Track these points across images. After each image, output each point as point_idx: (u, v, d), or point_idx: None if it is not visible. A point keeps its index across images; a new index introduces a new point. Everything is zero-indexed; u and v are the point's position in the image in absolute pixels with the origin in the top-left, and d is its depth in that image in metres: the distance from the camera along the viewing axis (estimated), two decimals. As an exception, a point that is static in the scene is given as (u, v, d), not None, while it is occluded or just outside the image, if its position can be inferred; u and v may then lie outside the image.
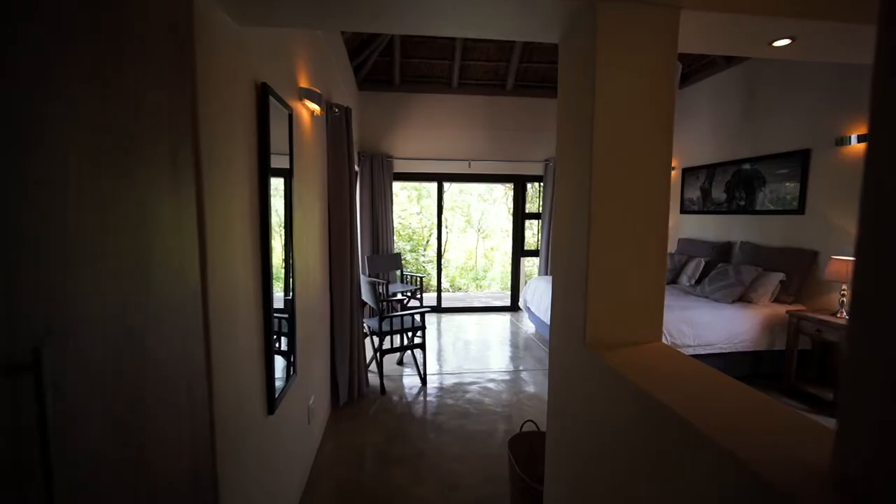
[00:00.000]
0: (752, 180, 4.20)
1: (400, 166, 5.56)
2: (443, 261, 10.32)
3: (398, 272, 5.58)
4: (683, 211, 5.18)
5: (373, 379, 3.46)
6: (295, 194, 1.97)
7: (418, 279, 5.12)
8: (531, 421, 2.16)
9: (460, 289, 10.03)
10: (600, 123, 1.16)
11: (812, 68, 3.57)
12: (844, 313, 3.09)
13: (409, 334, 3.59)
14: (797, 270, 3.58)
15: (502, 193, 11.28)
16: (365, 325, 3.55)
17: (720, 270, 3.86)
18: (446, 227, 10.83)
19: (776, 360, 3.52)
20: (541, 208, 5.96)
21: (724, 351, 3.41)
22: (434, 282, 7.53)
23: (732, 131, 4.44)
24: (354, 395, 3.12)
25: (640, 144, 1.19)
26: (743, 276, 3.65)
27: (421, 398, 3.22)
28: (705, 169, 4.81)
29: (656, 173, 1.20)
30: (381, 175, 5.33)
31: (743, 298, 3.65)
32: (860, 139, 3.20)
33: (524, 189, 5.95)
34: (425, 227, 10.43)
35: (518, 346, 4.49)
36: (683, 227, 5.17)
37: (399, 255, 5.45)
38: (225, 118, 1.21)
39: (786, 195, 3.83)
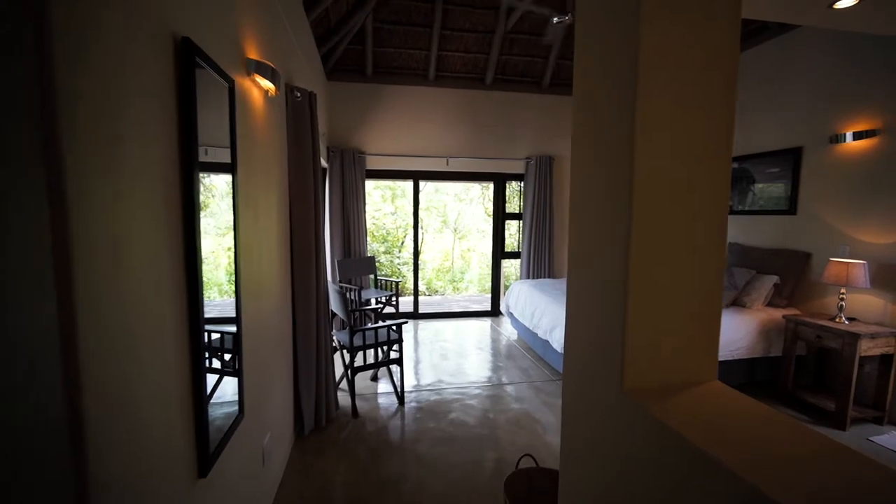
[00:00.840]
0: (740, 179, 4.07)
1: (373, 163, 5.18)
2: (419, 262, 10.00)
3: (372, 277, 5.19)
4: (668, 211, 5.02)
5: (343, 399, 3.08)
6: (242, 193, 1.59)
7: (393, 284, 4.76)
8: (529, 455, 1.86)
9: (437, 291, 9.70)
10: (645, 93, 0.86)
11: (804, 63, 3.45)
12: (844, 318, 2.95)
13: (385, 348, 3.23)
14: (790, 273, 3.45)
15: (479, 193, 11.04)
16: (335, 338, 3.17)
17: (711, 273, 3.69)
18: (422, 228, 10.49)
19: (771, 366, 3.37)
20: (521, 208, 5.70)
21: (720, 360, 3.22)
22: (410, 284, 7.18)
23: (719, 129, 4.30)
24: (322, 421, 2.73)
25: (696, 122, 0.90)
26: (736, 279, 3.49)
27: (398, 420, 2.87)
28: (690, 168, 4.66)
29: (716, 161, 0.91)
30: (353, 172, 4.93)
31: (736, 303, 3.49)
32: (856, 136, 3.07)
33: (504, 188, 5.69)
34: (400, 227, 10.05)
35: (500, 355, 4.21)
36: (668, 227, 5.02)
37: (373, 258, 5.07)
38: (117, 86, 0.84)
39: (777, 195, 3.71)
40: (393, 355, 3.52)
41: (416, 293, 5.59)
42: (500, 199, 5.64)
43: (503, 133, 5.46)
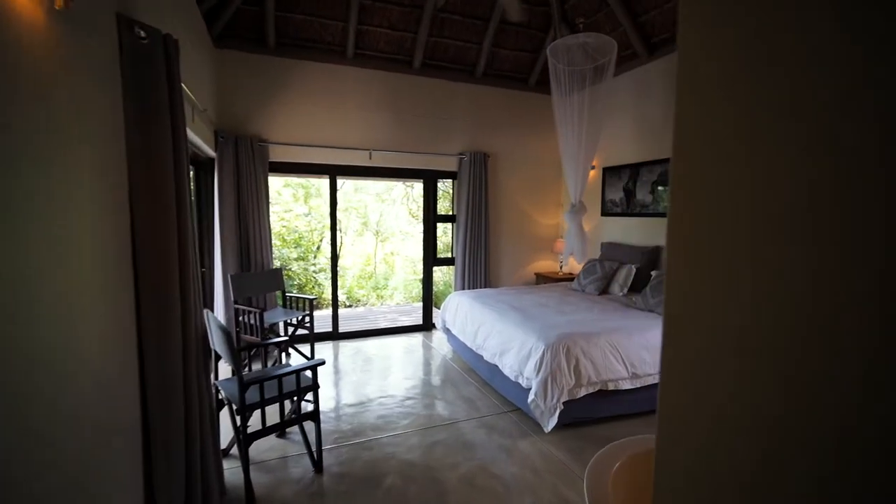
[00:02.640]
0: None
1: (279, 154, 4.24)
2: (338, 269, 9.00)
3: (279, 294, 4.25)
4: (605, 213, 4.84)
5: (236, 474, 2.22)
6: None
7: (307, 302, 3.90)
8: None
9: (359, 300, 8.81)
10: None
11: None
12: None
13: (295, 399, 2.42)
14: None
15: (402, 193, 10.35)
16: (220, 390, 2.28)
17: (662, 279, 3.46)
18: (341, 231, 9.51)
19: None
20: (454, 210, 5.16)
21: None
22: (328, 293, 6.24)
23: (658, 128, 4.17)
24: (197, 519, 1.86)
25: None
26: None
27: (315, 501, 2.10)
28: (629, 168, 4.50)
29: None
30: (251, 165, 3.95)
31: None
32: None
33: (435, 187, 5.09)
34: (315, 230, 8.97)
35: (439, 382, 3.59)
36: (606, 230, 4.84)
37: (279, 270, 4.13)
38: None
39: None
40: (306, 405, 2.71)
41: (335, 307, 4.74)
42: (430, 198, 5.03)
43: (434, 125, 4.86)
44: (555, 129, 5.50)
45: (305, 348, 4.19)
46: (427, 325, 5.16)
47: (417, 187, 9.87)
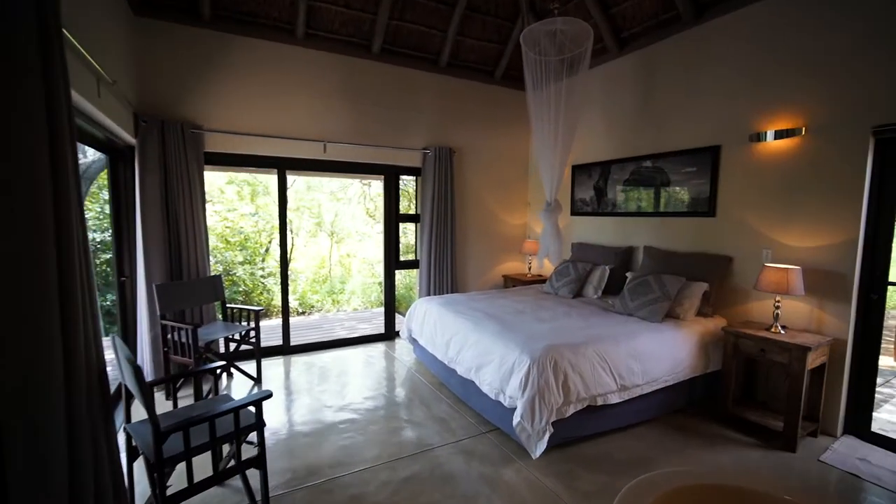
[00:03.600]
0: (654, 179, 3.82)
1: (217, 144, 3.68)
2: (291, 273, 8.32)
3: (218, 305, 3.68)
4: (575, 213, 4.68)
5: (153, 543, 1.73)
6: None
7: (252, 314, 3.38)
8: None
9: (313, 307, 8.19)
10: None
11: (720, 56, 3.26)
12: (780, 328, 2.75)
13: (234, 443, 1.95)
14: (713, 279, 3.23)
15: (358, 191, 9.82)
16: (133, 436, 1.78)
17: (640, 282, 3.31)
18: (292, 232, 8.85)
19: (707, 383, 3.09)
20: (419, 209, 4.79)
21: (667, 384, 2.79)
22: (278, 301, 5.63)
23: (630, 125, 4.04)
24: None
25: None
26: (668, 287, 3.13)
27: (259, 569, 1.67)
28: (599, 166, 4.36)
29: None
30: (182, 155, 3.37)
31: (670, 314, 3.13)
32: (778, 135, 2.93)
33: (397, 184, 4.70)
34: (264, 231, 8.25)
35: (408, 401, 3.22)
36: (576, 230, 4.68)
37: (218, 278, 3.56)
38: None
39: (694, 195, 3.51)
40: (248, 448, 2.24)
41: (285, 316, 4.22)
42: (392, 196, 4.64)
43: (395, 117, 4.47)
44: (528, 123, 5.29)
45: (251, 366, 3.66)
46: (389, 334, 4.75)
47: (375, 186, 9.41)
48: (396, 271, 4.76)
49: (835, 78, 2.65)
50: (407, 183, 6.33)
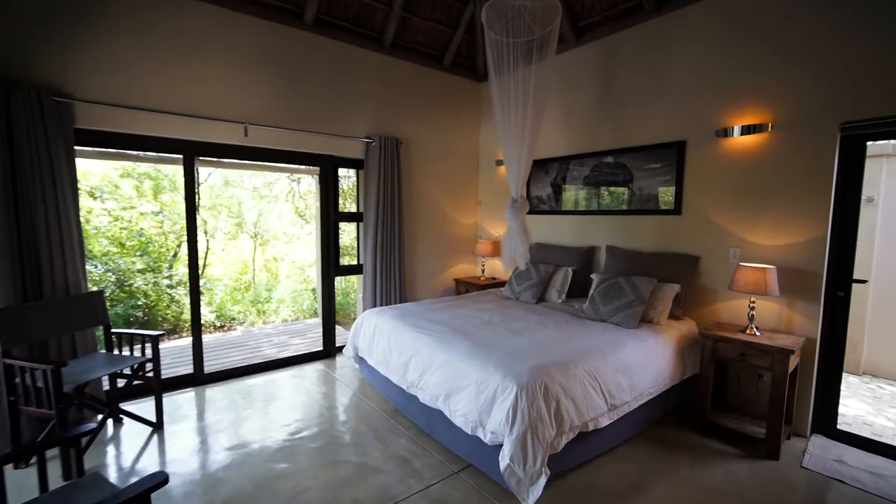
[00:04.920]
0: (616, 176, 3.65)
1: (95, 119, 2.81)
2: (206, 281, 7.18)
3: (101, 330, 2.82)
4: (531, 211, 4.41)
5: None
6: None
7: (147, 340, 2.59)
8: None
9: (234, 319, 7.15)
10: None
11: (685, 48, 3.14)
12: (755, 330, 2.65)
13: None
14: (682, 280, 3.10)
15: (286, 188, 8.85)
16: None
17: (611, 284, 3.08)
18: (207, 234, 7.71)
19: (682, 390, 2.94)
20: (362, 206, 4.22)
21: (651, 396, 2.56)
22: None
23: (590, 119, 3.84)
24: None
25: None
26: (641, 290, 2.93)
27: None
28: (557, 162, 4.13)
29: None
30: (39, 131, 2.49)
31: (643, 318, 2.94)
32: (744, 131, 2.85)
33: (336, 177, 4.08)
34: (171, 232, 7.04)
35: (359, 437, 2.67)
36: (534, 230, 4.40)
37: (99, 294, 2.71)
38: None
39: (659, 193, 3.37)
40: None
41: (197, 335, 3.42)
42: (330, 191, 4.01)
43: (334, 100, 3.86)
44: (479, 115, 4.98)
45: (148, 407, 2.86)
46: (329, 351, 4.12)
47: (305, 182, 8.53)
48: (337, 277, 4.14)
49: (802, 73, 2.60)
50: (342, 178, 5.71)
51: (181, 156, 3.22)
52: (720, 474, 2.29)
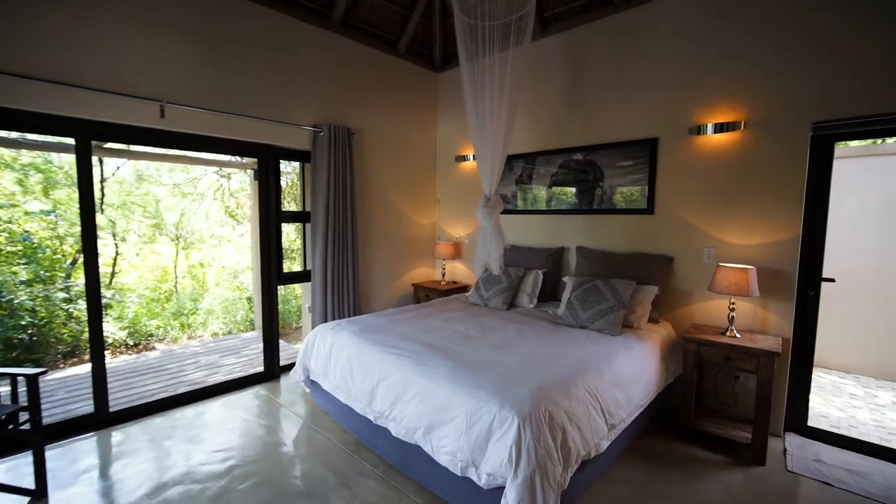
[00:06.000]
0: (585, 173, 3.50)
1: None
2: (112, 295, 6.11)
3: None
4: (495, 210, 4.16)
5: None
6: None
7: (25, 380, 1.92)
8: None
9: (152, 336, 6.16)
10: None
11: (657, 42, 3.05)
12: (735, 332, 2.59)
13: None
14: (658, 281, 3.00)
15: (214, 183, 7.88)
16: None
17: (589, 288, 2.90)
18: (114, 236, 6.61)
19: (662, 397, 2.82)
20: (308, 205, 3.71)
21: (642, 409, 2.39)
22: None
23: (557, 114, 3.67)
24: None
25: None
26: (621, 293, 2.78)
27: None
28: (522, 158, 3.91)
29: None
30: None
31: (626, 323, 2.78)
32: (718, 129, 2.80)
33: (277, 171, 3.52)
34: (68, 236, 5.90)
35: (318, 481, 2.21)
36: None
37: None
38: None
39: (631, 191, 3.26)
40: None
41: (97, 361, 2.72)
42: (272, 187, 3.46)
43: (275, 80, 3.32)
44: (437, 107, 4.63)
45: (27, 467, 2.17)
46: (272, 372, 3.56)
47: (237, 179, 7.65)
48: (280, 286, 3.58)
49: (775, 71, 2.58)
50: (283, 174, 5.13)
51: (72, 140, 2.53)
52: (716, 487, 2.17)
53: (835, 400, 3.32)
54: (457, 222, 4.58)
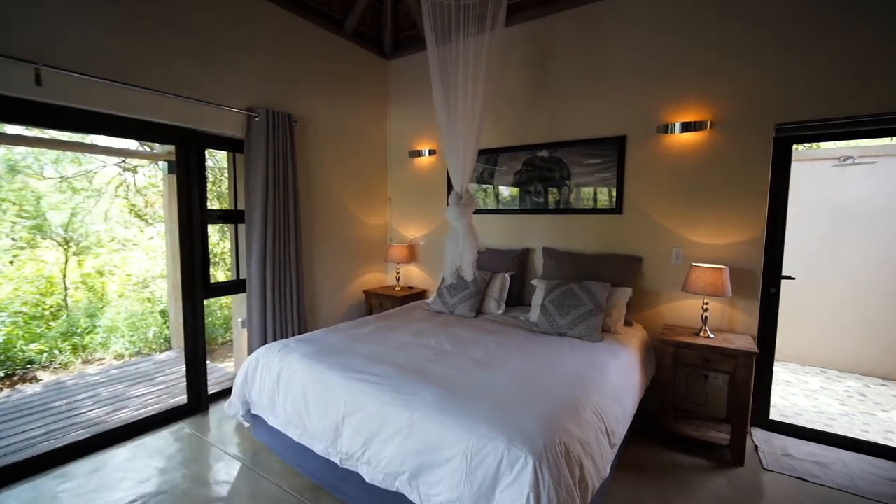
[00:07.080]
0: (551, 171, 3.36)
1: None
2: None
3: None
4: (454, 210, 3.89)
5: None
6: None
7: None
8: None
9: (31, 364, 5.01)
10: None
11: (625, 37, 2.98)
12: (709, 332, 2.57)
13: None
14: (627, 282, 2.93)
15: (116, 177, 6.70)
16: None
17: (563, 291, 2.74)
18: (-23, 242, 5.36)
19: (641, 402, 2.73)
20: (242, 202, 3.15)
21: (631, 419, 2.25)
22: None
23: (521, 109, 3.49)
24: None
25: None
26: (598, 297, 2.65)
27: None
28: (484, 155, 3.69)
29: None
30: None
31: (604, 328, 2.66)
32: (685, 128, 2.78)
33: (202, 162, 2.93)
34: None
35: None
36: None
37: None
38: None
39: (599, 190, 3.17)
40: None
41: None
42: (194, 180, 2.86)
43: (201, 50, 2.74)
44: (387, 97, 4.23)
45: None
46: (198, 404, 2.95)
47: (145, 172, 6.58)
48: (207, 300, 2.98)
49: (741, 72, 2.60)
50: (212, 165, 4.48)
51: None
52: (706, 495, 2.09)
53: (775, 388, 3.51)
54: (410, 223, 4.25)
